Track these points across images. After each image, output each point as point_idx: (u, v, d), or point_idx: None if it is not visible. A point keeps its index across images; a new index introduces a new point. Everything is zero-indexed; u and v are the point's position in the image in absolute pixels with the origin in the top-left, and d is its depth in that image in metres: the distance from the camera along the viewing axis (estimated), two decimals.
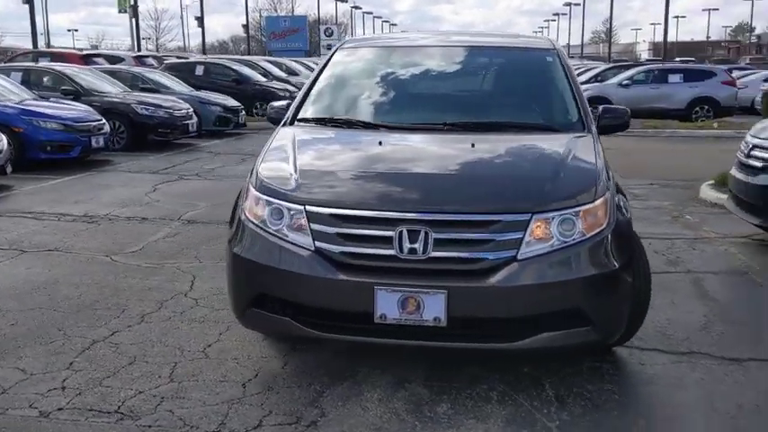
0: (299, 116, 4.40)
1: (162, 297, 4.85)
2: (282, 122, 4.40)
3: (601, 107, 4.43)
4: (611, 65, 28.30)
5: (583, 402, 3.38)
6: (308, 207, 3.40)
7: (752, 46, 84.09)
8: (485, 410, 3.29)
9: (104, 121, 11.42)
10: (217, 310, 4.61)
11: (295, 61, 28.29)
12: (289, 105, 4.73)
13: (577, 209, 3.34)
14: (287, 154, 3.87)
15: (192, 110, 13.99)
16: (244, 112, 16.60)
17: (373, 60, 4.86)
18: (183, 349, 3.99)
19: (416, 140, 4.01)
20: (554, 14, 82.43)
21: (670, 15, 38.79)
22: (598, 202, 3.41)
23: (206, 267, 5.56)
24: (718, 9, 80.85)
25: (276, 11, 72.70)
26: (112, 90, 13.81)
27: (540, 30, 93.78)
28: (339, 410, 3.30)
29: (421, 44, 5.11)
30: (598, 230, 3.36)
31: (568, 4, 64.99)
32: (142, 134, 13.04)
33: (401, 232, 3.24)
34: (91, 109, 11.58)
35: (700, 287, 5.13)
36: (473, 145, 3.81)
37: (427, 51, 4.94)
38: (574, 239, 3.29)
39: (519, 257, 3.22)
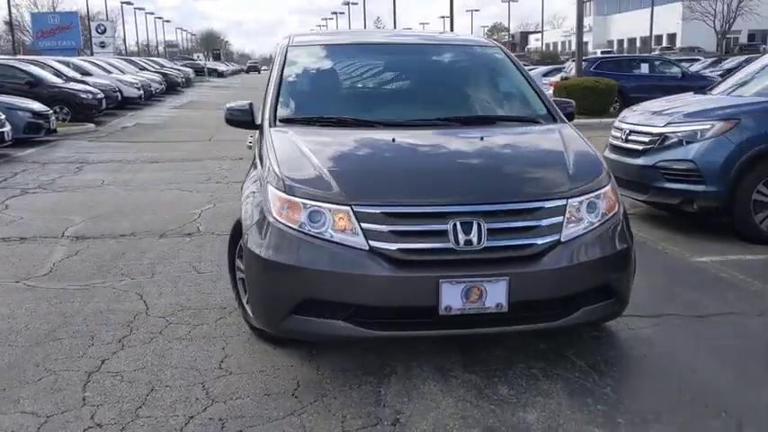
0: (281, 117, 4.28)
1: (124, 319, 4.46)
2: (267, 124, 4.24)
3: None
4: None
5: (615, 368, 3.72)
6: (355, 207, 3.37)
7: (507, 44, 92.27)
8: (542, 387, 3.50)
9: None
10: (196, 326, 4.35)
11: (85, 60, 26.32)
12: (251, 106, 4.58)
13: (598, 192, 3.65)
14: (301, 155, 3.76)
15: (3, 116, 12.57)
16: (54, 117, 15.21)
17: (339, 58, 4.83)
18: (197, 369, 3.74)
19: (425, 136, 4.08)
20: (333, 13, 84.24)
21: (435, 16, 41.40)
22: (610, 185, 3.76)
23: (143, 284, 5.17)
24: (479, 10, 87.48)
25: (36, 6, 66.64)
26: None
27: (318, 27, 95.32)
28: (410, 406, 3.33)
29: (378, 42, 5.16)
30: (615, 212, 3.71)
31: (347, 3, 66.91)
32: None
33: (455, 225, 3.34)
34: None
35: None
36: (482, 138, 3.99)
37: (387, 49, 5.01)
38: (599, 221, 3.61)
39: (562, 240, 3.46)
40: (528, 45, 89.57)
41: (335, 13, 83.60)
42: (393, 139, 3.91)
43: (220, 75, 65.51)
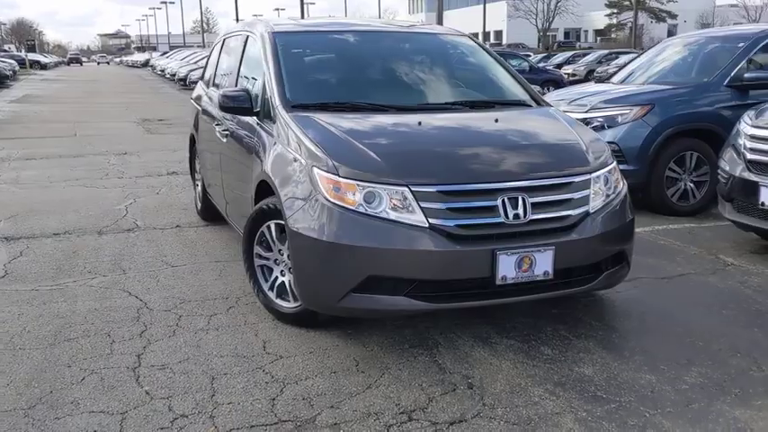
0: (294, 103, 4.28)
1: (128, 315, 4.29)
2: (282, 110, 4.22)
3: None
4: None
5: (628, 325, 4.16)
6: (412, 187, 3.52)
7: None
8: (579, 346, 3.84)
9: None
10: (211, 316, 4.28)
11: None
12: (247, 92, 4.56)
13: (609, 167, 4.06)
14: (338, 138, 3.84)
15: None
16: None
17: (333, 45, 4.89)
18: (245, 356, 3.72)
19: (445, 119, 4.27)
20: (162, 2, 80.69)
21: (270, 8, 41.34)
22: (614, 162, 4.17)
23: (121, 281, 4.96)
24: (315, 3, 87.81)
25: None
26: None
27: (144, 18, 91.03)
28: (474, 371, 3.54)
29: (362, 30, 5.23)
30: (622, 185, 4.13)
31: None
32: None
33: (503, 200, 3.60)
34: None
35: None
36: (497, 120, 4.26)
37: (377, 37, 5.12)
38: (614, 193, 4.01)
39: (590, 211, 3.82)
40: None
41: (165, 2, 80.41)
42: (419, 123, 4.08)
43: (43, 67, 61.13)
